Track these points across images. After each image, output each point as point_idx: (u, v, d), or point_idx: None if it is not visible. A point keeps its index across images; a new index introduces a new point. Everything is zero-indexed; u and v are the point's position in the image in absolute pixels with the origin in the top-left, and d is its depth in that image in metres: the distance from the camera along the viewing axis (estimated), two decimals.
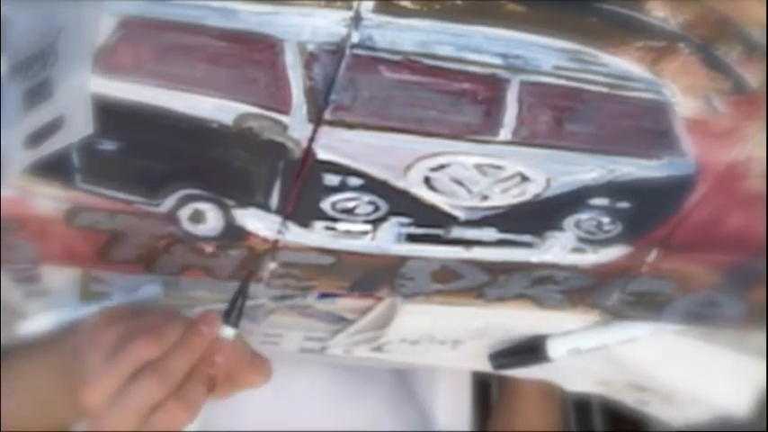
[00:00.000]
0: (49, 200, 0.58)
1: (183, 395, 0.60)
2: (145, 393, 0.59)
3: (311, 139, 0.56)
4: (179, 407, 0.59)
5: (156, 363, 0.59)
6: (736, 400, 0.69)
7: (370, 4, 0.54)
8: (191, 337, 0.60)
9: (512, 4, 0.54)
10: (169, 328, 0.60)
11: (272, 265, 0.62)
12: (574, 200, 0.59)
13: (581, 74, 0.55)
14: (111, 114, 0.55)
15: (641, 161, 0.58)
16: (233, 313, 0.62)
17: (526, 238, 0.61)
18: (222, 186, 0.58)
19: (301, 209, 0.59)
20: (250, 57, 0.54)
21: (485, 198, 0.59)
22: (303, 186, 0.58)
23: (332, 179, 0.58)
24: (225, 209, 0.59)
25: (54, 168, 0.57)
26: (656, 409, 0.73)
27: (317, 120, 0.55)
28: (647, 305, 0.64)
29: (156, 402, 0.59)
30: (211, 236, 0.60)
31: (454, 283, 0.64)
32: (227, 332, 0.61)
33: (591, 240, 0.61)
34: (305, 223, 0.60)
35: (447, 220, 0.60)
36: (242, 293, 0.62)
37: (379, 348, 0.68)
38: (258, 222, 0.60)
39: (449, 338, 0.67)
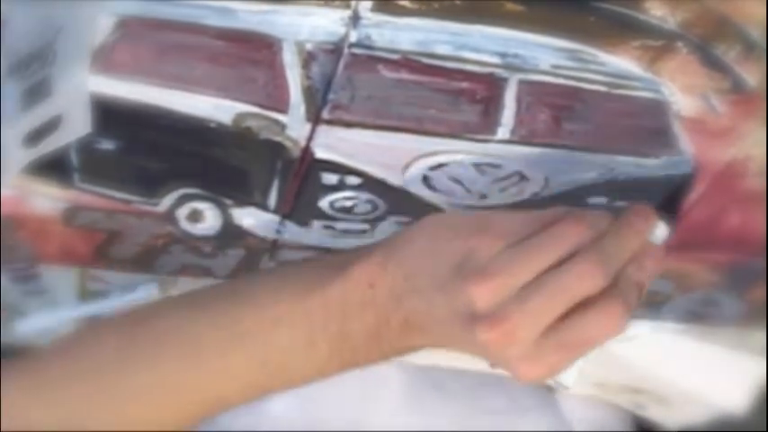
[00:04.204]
0: (47, 199, 0.58)
1: (621, 292, 0.48)
2: (580, 281, 0.47)
3: (309, 139, 0.56)
4: (619, 305, 0.48)
5: (595, 245, 0.48)
6: (736, 400, 0.69)
7: (369, 4, 0.54)
8: (624, 228, 0.50)
9: (510, 3, 0.54)
10: (592, 215, 0.50)
11: (271, 265, 0.62)
12: (572, 199, 0.59)
13: (579, 73, 0.55)
14: (109, 113, 0.55)
15: (640, 160, 0.58)
16: (673, 207, 0.54)
17: None
18: (220, 186, 0.58)
19: (300, 208, 0.59)
20: (248, 56, 0.54)
21: (483, 197, 0.59)
22: (301, 185, 0.58)
23: (330, 178, 0.58)
24: (223, 208, 0.59)
25: (52, 167, 0.57)
26: (652, 412, 0.73)
27: (315, 119, 0.55)
28: (646, 304, 0.64)
29: (590, 296, 0.48)
30: (209, 235, 0.60)
31: None
32: (661, 232, 0.51)
33: None
34: (303, 222, 0.60)
35: None
36: (687, 184, 0.54)
37: None
38: (256, 221, 0.60)
39: None
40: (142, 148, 0.57)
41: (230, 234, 0.60)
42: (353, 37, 0.54)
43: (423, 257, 0.50)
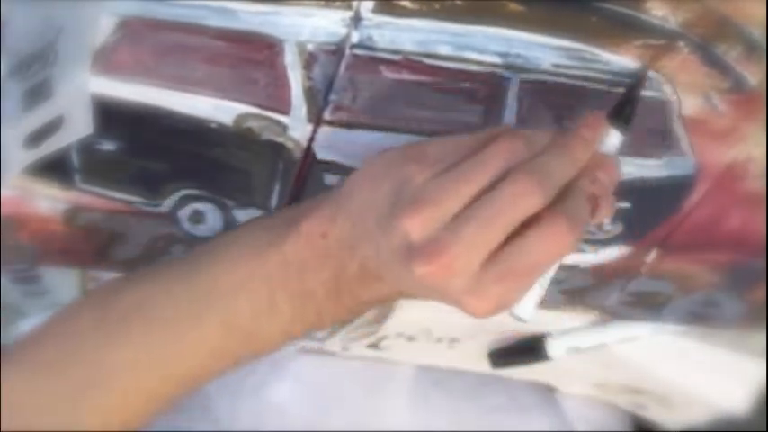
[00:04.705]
0: (48, 200, 0.58)
1: (565, 209, 0.45)
2: (514, 201, 0.44)
3: (311, 139, 0.56)
4: (562, 222, 0.45)
5: (528, 163, 0.46)
6: (736, 401, 0.69)
7: (370, 4, 0.54)
8: (569, 140, 0.47)
9: (511, 3, 0.54)
10: (533, 132, 0.48)
11: None
12: None
13: (581, 72, 0.55)
14: (110, 114, 0.55)
15: (641, 160, 0.58)
16: (624, 112, 0.50)
17: None
18: (222, 187, 0.58)
19: None
20: (249, 57, 0.55)
21: None
22: (303, 186, 0.58)
23: (331, 179, 0.58)
24: (224, 209, 0.59)
25: (54, 168, 0.57)
26: (653, 413, 0.73)
27: (316, 120, 0.55)
28: (647, 305, 0.64)
29: (531, 216, 0.45)
30: (211, 236, 0.60)
31: None
32: (614, 139, 0.49)
33: (591, 240, 0.61)
34: None
35: None
36: (639, 84, 0.51)
37: (375, 345, 0.68)
38: None
39: (446, 336, 0.66)
40: (143, 149, 0.57)
41: None
42: (355, 38, 0.54)
43: (365, 199, 0.48)
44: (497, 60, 0.55)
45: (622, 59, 0.55)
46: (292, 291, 0.51)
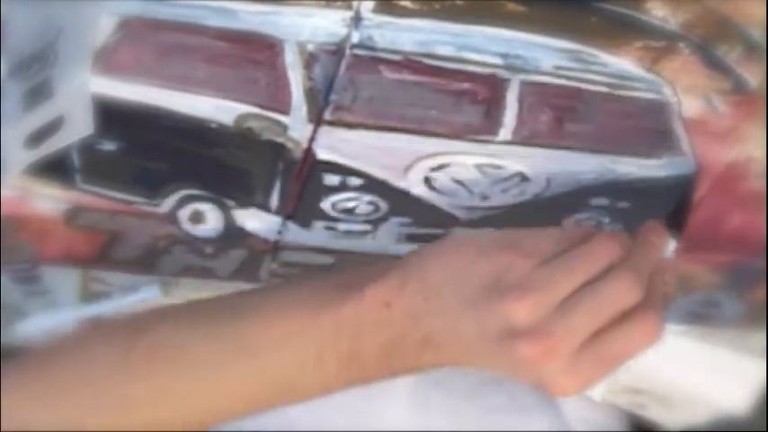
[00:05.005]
0: (48, 200, 0.58)
1: (654, 304, 0.50)
2: (620, 295, 0.49)
3: (311, 140, 0.56)
4: (654, 318, 0.49)
5: (628, 262, 0.50)
6: (736, 401, 0.69)
7: (371, 4, 0.54)
8: (645, 244, 0.52)
9: (512, 3, 0.54)
10: (617, 234, 0.51)
11: (273, 266, 0.62)
12: (574, 200, 0.59)
13: (581, 74, 0.55)
14: (111, 114, 0.55)
15: (641, 161, 0.58)
16: (679, 223, 0.56)
17: None
18: (222, 187, 0.58)
19: (301, 209, 0.59)
20: (250, 57, 0.55)
21: (485, 198, 0.59)
22: (303, 186, 0.58)
23: (332, 179, 0.58)
24: (225, 209, 0.59)
25: (54, 168, 0.57)
26: (653, 413, 0.72)
27: (316, 120, 0.55)
28: None
29: (628, 309, 0.49)
30: (211, 236, 0.60)
31: None
32: (671, 246, 0.55)
33: None
34: (305, 223, 0.60)
35: (447, 220, 0.60)
36: (691, 192, 0.55)
37: None
38: (258, 223, 0.60)
39: None
40: (144, 149, 0.57)
41: (232, 235, 0.60)
42: (355, 38, 0.54)
43: (446, 277, 0.50)
44: (498, 61, 0.55)
45: (622, 61, 0.55)
46: (342, 351, 0.52)
